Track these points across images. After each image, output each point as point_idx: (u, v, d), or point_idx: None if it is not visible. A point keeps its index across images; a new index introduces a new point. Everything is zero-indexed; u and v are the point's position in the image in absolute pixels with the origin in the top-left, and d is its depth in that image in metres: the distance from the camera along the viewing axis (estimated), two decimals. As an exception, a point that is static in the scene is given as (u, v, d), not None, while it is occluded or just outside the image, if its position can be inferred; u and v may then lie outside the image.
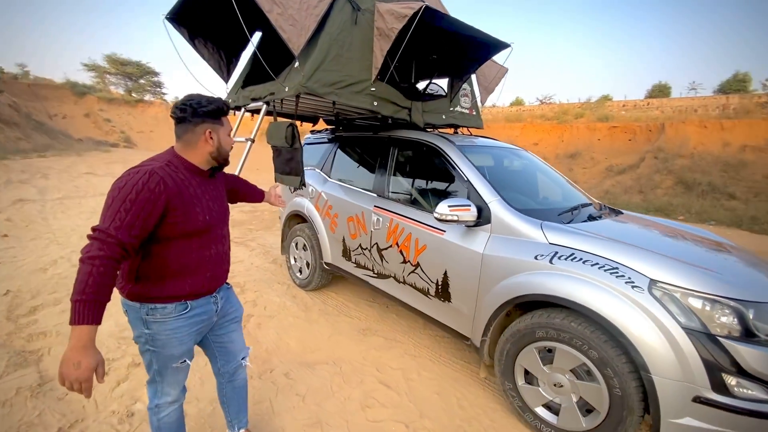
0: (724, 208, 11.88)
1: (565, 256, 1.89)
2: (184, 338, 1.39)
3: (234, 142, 1.49)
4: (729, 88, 23.90)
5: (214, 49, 3.15)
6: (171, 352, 1.38)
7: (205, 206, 1.38)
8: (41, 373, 2.35)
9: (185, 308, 1.38)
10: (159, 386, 1.46)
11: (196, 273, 1.38)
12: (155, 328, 1.34)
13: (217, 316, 1.53)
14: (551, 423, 1.95)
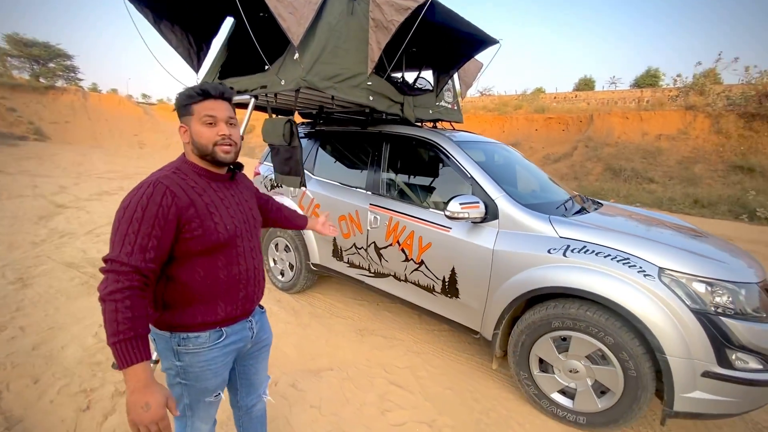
0: (646, 191, 13.33)
1: (578, 249, 1.99)
2: (218, 370, 1.24)
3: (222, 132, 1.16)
4: (643, 83, 26.59)
5: (183, 35, 2.83)
6: (204, 386, 1.23)
7: (225, 215, 1.19)
8: (5, 414, 2.00)
9: (220, 336, 1.22)
10: (189, 421, 1.29)
11: (227, 295, 1.21)
12: (187, 360, 1.18)
13: (251, 342, 1.36)
14: (567, 407, 2.06)
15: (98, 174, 11.93)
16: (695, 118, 15.24)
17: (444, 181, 2.71)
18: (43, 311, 3.07)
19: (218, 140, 1.15)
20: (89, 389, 2.20)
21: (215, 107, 1.15)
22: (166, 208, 1.06)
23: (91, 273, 3.90)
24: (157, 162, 16.99)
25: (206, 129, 1.14)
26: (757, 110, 13.85)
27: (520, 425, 2.10)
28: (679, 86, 17.37)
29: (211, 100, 1.15)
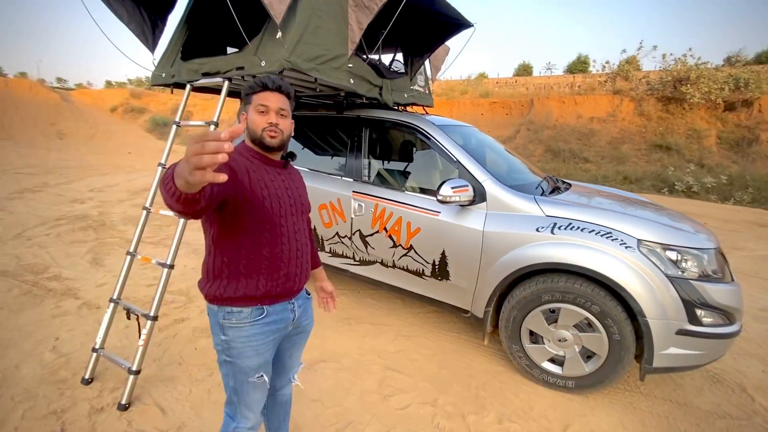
0: (582, 170, 14.43)
1: (564, 226, 2.11)
2: (260, 348, 1.26)
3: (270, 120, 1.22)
4: (575, 69, 28.39)
5: (134, 9, 2.51)
6: (247, 364, 1.25)
7: (273, 194, 1.24)
8: (-45, 450, 1.73)
9: (261, 313, 1.25)
10: (237, 407, 1.32)
11: (269, 271, 1.24)
12: (231, 335, 1.24)
13: (293, 325, 1.37)
14: (557, 374, 2.22)
15: (14, 169, 10.50)
16: (621, 102, 16.65)
17: (428, 165, 2.73)
18: (-19, 328, 2.68)
19: (266, 126, 1.22)
20: (59, 410, 1.97)
21: (269, 98, 1.24)
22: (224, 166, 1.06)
23: (33, 281, 3.46)
24: (84, 154, 15.26)
25: (258, 116, 1.23)
26: (672, 94, 15.41)
27: (515, 395, 2.23)
28: (607, 72, 18.79)
29: (268, 92, 1.24)
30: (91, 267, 3.91)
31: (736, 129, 14.65)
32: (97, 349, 2.19)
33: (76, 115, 25.22)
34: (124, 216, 6.03)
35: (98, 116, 26.42)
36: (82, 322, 2.83)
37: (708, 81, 14.33)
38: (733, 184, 11.42)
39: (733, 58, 22.00)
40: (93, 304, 3.11)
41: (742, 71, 15.35)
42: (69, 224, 5.44)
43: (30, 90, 25.65)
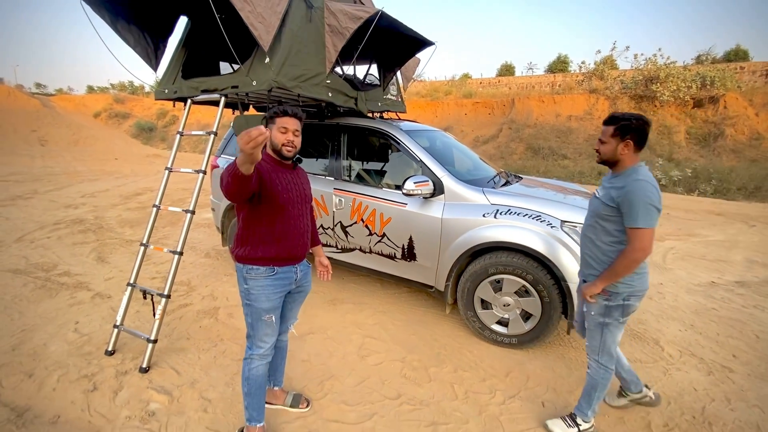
0: (561, 166, 15.07)
1: (504, 212, 2.59)
2: (270, 296, 1.75)
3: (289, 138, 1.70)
4: (555, 68, 29.18)
5: (140, 34, 2.91)
6: (260, 306, 1.74)
7: (284, 188, 1.73)
8: (9, 405, 2.11)
9: (272, 272, 1.75)
10: (253, 339, 1.82)
11: (280, 241, 1.74)
12: (251, 284, 1.73)
13: (295, 284, 1.86)
14: (504, 333, 2.69)
15: (0, 177, 10.63)
16: (597, 101, 17.37)
17: (397, 165, 3.18)
18: (8, 317, 3.04)
19: (285, 143, 1.70)
20: (90, 374, 2.37)
21: (288, 122, 1.70)
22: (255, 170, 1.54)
23: (45, 277, 3.81)
24: (69, 161, 15.36)
25: (280, 135, 1.70)
26: (644, 92, 16.16)
27: (469, 352, 2.70)
28: (583, 72, 19.50)
29: (287, 117, 1.70)
30: (97, 264, 4.27)
31: (704, 125, 15.45)
32: (118, 326, 2.59)
33: (58, 120, 24.99)
34: (120, 219, 6.35)
35: (81, 122, 26.25)
36: (97, 309, 3.21)
37: (676, 79, 15.10)
38: (698, 177, 12.16)
39: (702, 57, 22.96)
40: (104, 294, 3.49)
41: (708, 69, 16.17)
42: (67, 228, 5.76)
43: (8, 96, 25.38)
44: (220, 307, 3.28)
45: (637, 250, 1.65)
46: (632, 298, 1.79)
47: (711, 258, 5.26)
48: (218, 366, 2.49)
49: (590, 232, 1.88)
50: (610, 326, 1.84)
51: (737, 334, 3.10)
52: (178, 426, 1.99)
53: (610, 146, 1.77)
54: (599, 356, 1.91)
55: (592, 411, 1.96)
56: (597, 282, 1.80)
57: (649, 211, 1.63)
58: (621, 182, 1.73)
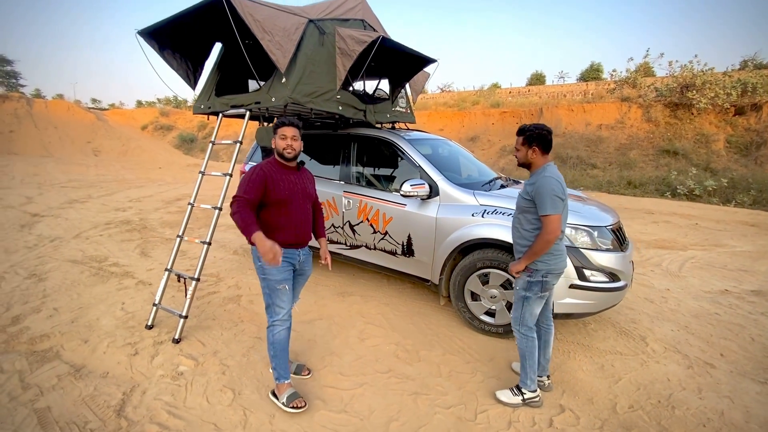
0: (589, 176, 14.82)
1: (491, 212, 2.85)
2: (281, 269, 2.13)
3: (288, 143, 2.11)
4: (588, 77, 28.63)
5: (182, 59, 3.44)
6: (274, 278, 2.13)
7: (287, 187, 2.13)
8: (69, 363, 2.59)
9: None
10: (272, 307, 2.19)
11: (285, 229, 2.14)
12: (263, 261, 2.03)
13: (299, 265, 2.26)
14: (491, 323, 2.93)
15: (60, 184, 11.84)
16: (630, 109, 16.97)
17: (399, 170, 3.51)
18: (68, 297, 3.60)
19: (285, 147, 2.12)
20: (133, 342, 2.84)
21: (286, 131, 2.12)
22: (260, 178, 2.06)
23: (98, 267, 4.41)
24: (119, 170, 16.80)
25: (280, 141, 2.13)
26: (680, 100, 15.65)
27: (459, 339, 2.95)
28: (615, 80, 19.09)
29: (285, 126, 2.11)
30: (141, 257, 4.85)
31: (746, 133, 14.73)
32: (156, 304, 3.06)
33: (110, 133, 27.17)
34: (161, 221, 7.04)
35: (130, 134, 28.46)
36: (140, 294, 3.72)
37: (714, 86, 14.54)
38: (735, 187, 11.63)
39: (748, 62, 21.86)
40: (146, 282, 4.02)
41: (750, 76, 15.44)
42: (117, 227, 6.48)
43: (68, 111, 27.91)
44: (243, 295, 3.71)
45: (549, 232, 1.99)
46: (550, 276, 2.12)
47: (732, 268, 5.17)
48: (237, 341, 2.89)
49: (516, 222, 2.22)
50: (530, 299, 2.15)
51: (732, 336, 3.16)
52: (201, 383, 2.38)
53: (522, 153, 2.17)
54: (520, 326, 2.21)
55: (530, 380, 2.22)
56: (521, 260, 2.13)
57: (554, 201, 1.98)
58: (533, 179, 2.10)
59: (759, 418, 2.15)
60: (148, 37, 3.18)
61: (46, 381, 2.39)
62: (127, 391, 2.31)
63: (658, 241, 6.42)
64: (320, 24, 3.08)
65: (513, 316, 2.25)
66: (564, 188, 2.05)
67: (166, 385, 2.37)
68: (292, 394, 2.19)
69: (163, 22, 3.06)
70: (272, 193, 2.07)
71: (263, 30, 2.67)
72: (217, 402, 2.23)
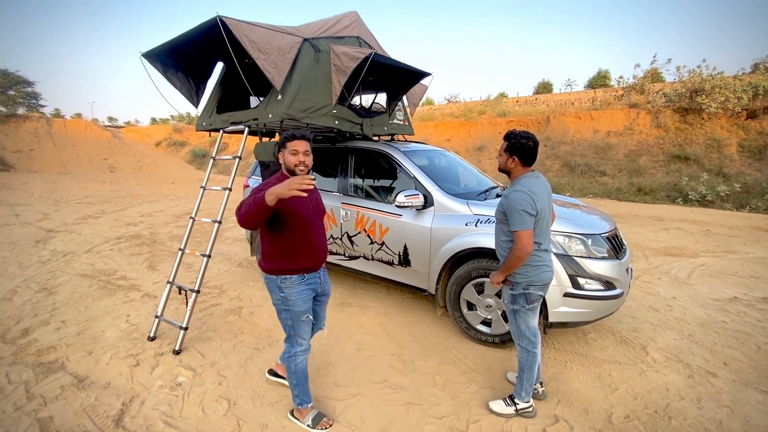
0: (598, 183, 14.67)
1: (484, 221, 2.87)
2: (305, 298, 2.02)
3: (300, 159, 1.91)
4: (595, 84, 28.48)
5: (185, 79, 3.59)
6: (299, 309, 2.01)
7: (304, 205, 1.97)
8: (73, 374, 2.67)
9: (303, 278, 2.01)
10: (294, 338, 2.07)
11: (307, 253, 2.00)
12: (288, 292, 1.97)
13: (320, 288, 2.15)
14: (487, 332, 2.92)
15: (76, 200, 12.19)
16: (638, 115, 16.83)
17: (396, 181, 3.56)
18: (76, 309, 3.71)
19: (297, 163, 1.91)
20: (135, 353, 2.91)
21: (298, 145, 1.91)
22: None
23: (106, 280, 4.54)
24: (133, 185, 17.27)
25: (292, 157, 1.91)
26: (689, 105, 15.47)
27: (456, 349, 2.94)
28: (623, 86, 18.97)
29: (296, 140, 1.91)
30: (148, 271, 4.97)
31: (759, 136, 14.46)
32: (159, 316, 3.13)
33: (125, 150, 27.95)
34: (170, 235, 7.19)
35: (144, 150, 29.27)
36: (145, 306, 3.81)
37: (724, 90, 14.37)
38: (749, 192, 11.38)
39: (759, 65, 21.53)
40: (152, 294, 4.11)
41: (761, 79, 15.20)
42: (127, 242, 6.65)
43: (85, 129, 28.85)
44: (244, 307, 3.77)
45: (519, 248, 1.95)
46: (531, 288, 2.07)
47: (743, 275, 5.06)
48: (236, 352, 2.93)
49: (496, 233, 2.21)
50: (520, 312, 2.12)
51: (737, 344, 3.09)
52: (198, 393, 2.43)
53: (502, 159, 2.12)
54: (520, 340, 2.17)
55: (525, 392, 2.20)
56: (498, 272, 2.12)
57: (522, 216, 1.93)
58: (507, 192, 2.07)
59: (759, 428, 2.10)
60: (152, 59, 3.33)
61: (50, 391, 2.47)
62: (126, 402, 2.37)
63: (667, 248, 6.31)
64: (315, 42, 3.19)
65: (510, 329, 2.23)
66: (536, 202, 1.95)
67: (164, 396, 2.42)
68: (317, 416, 2.15)
69: (166, 45, 3.21)
70: (296, 211, 1.88)
71: (259, 50, 2.78)
72: (212, 412, 2.27)
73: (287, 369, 2.13)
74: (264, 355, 2.89)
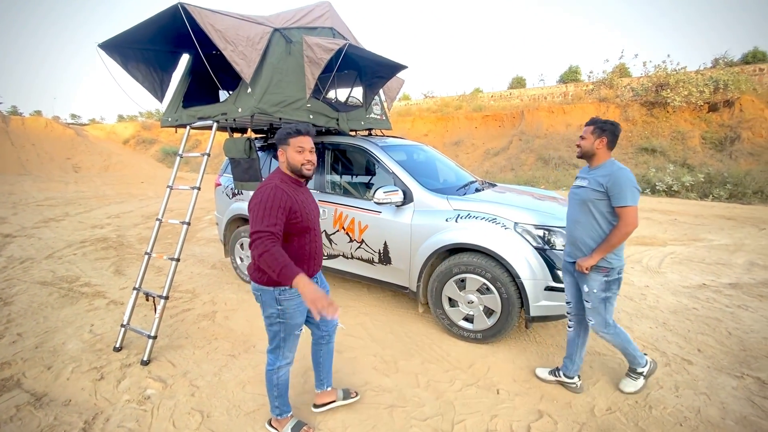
0: (571, 176, 15.01)
1: (464, 216, 2.83)
2: (303, 310, 1.86)
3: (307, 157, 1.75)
4: (567, 78, 29.13)
5: (147, 71, 3.36)
6: (295, 322, 1.85)
7: (308, 209, 1.80)
8: (30, 392, 2.46)
9: None
10: (281, 352, 1.90)
11: (309, 260, 1.83)
12: (286, 305, 1.78)
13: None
14: (470, 329, 2.89)
15: (36, 202, 11.49)
16: (608, 109, 17.31)
17: (374, 177, 3.48)
18: (34, 321, 3.45)
19: (304, 162, 1.75)
20: (99, 366, 2.72)
21: (304, 141, 1.74)
22: (284, 202, 1.66)
23: (68, 288, 4.25)
24: (99, 186, 16.43)
25: (297, 155, 1.73)
26: (655, 99, 16.03)
27: (438, 347, 2.90)
28: (593, 81, 19.49)
29: (302, 136, 1.74)
30: (115, 276, 4.70)
31: (719, 129, 15.14)
32: (125, 325, 2.94)
33: (91, 148, 26.63)
34: (139, 237, 6.86)
35: (111, 149, 27.95)
36: (110, 314, 3.59)
37: (687, 85, 14.96)
38: (711, 182, 11.91)
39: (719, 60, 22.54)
40: (118, 301, 3.88)
41: (722, 73, 15.89)
42: (92, 245, 6.29)
43: (46, 127, 27.25)
44: (218, 311, 3.61)
45: (629, 224, 2.00)
46: (621, 272, 2.14)
47: (710, 261, 5.25)
48: (209, 360, 2.79)
49: (579, 216, 2.20)
50: (611, 299, 2.16)
51: (710, 331, 3.18)
52: (168, 407, 2.28)
53: (588, 141, 2.20)
54: (606, 328, 2.20)
55: (639, 355, 2.30)
56: (594, 255, 2.11)
57: (634, 192, 2.02)
58: (605, 171, 2.11)
59: (735, 414, 2.15)
60: (111, 50, 3.10)
61: (3, 412, 2.26)
62: (89, 420, 2.20)
63: (639, 237, 6.51)
64: (287, 33, 3.05)
65: (596, 321, 2.20)
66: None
67: (131, 411, 2.26)
68: (296, 424, 2.04)
69: (125, 35, 2.98)
70: (300, 222, 1.70)
71: (225, 40, 2.62)
72: (184, 426, 2.13)
73: (268, 381, 1.97)
74: (239, 361, 2.76)
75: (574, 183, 2.34)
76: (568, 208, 2.30)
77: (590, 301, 2.18)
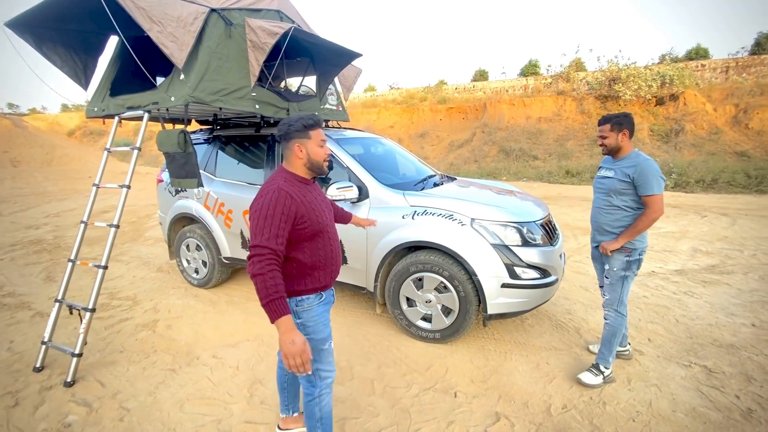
0: (531, 167, 15.43)
1: (421, 213, 2.71)
2: (325, 321, 1.66)
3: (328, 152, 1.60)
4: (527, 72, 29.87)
5: (67, 54, 2.97)
6: (321, 336, 1.63)
7: (319, 209, 1.58)
8: (-77, 426, 2.12)
9: (320, 297, 1.64)
10: (318, 372, 1.65)
11: (325, 267, 1.62)
12: (305, 316, 1.59)
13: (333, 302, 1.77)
14: (428, 329, 2.80)
15: (-38, 201, 10.37)
16: (565, 102, 17.89)
17: (329, 172, 3.28)
18: (-61, 340, 3.02)
19: (326, 157, 1.58)
20: (14, 391, 2.39)
21: (323, 134, 1.59)
22: (288, 208, 1.45)
23: (-14, 299, 3.78)
24: (40, 181, 15.07)
25: (320, 150, 1.57)
26: (608, 93, 16.71)
27: (398, 349, 2.79)
28: (551, 74, 20.05)
29: (320, 128, 1.59)
30: (44, 283, 4.24)
31: (665, 121, 16.01)
32: (46, 342, 2.61)
33: (30, 141, 24.43)
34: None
35: (55, 141, 25.74)
36: (34, 328, 3.21)
37: (637, 79, 15.68)
38: (658, 172, 12.58)
39: (666, 56, 23.77)
40: (45, 312, 3.48)
41: (668, 69, 16.77)
42: (23, 249, 5.69)
43: (-22, 119, 24.74)
44: (160, 320, 3.31)
45: (656, 211, 2.16)
46: (642, 254, 2.29)
47: (658, 249, 5.48)
48: (145, 376, 2.53)
49: (604, 204, 2.36)
50: (629, 278, 2.30)
51: (658, 319, 3.27)
52: (91, 436, 2.03)
53: (611, 138, 2.31)
54: (618, 306, 2.33)
55: (612, 356, 2.37)
56: (619, 239, 2.27)
57: (659, 181, 2.16)
58: (630, 162, 2.24)
59: (685, 406, 2.18)
60: (21, 29, 2.70)
61: None
62: (-7, 457, 1.91)
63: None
64: (226, 14, 2.77)
65: (610, 297, 2.35)
66: None
67: (46, 443, 1.99)
68: None
69: (35, 11, 2.60)
70: (308, 227, 1.51)
71: (151, 20, 2.32)
72: (109, 457, 1.90)
73: (309, 416, 1.68)
74: (179, 377, 2.52)
75: (598, 173, 2.49)
76: (594, 197, 2.46)
77: (610, 277, 2.35)
